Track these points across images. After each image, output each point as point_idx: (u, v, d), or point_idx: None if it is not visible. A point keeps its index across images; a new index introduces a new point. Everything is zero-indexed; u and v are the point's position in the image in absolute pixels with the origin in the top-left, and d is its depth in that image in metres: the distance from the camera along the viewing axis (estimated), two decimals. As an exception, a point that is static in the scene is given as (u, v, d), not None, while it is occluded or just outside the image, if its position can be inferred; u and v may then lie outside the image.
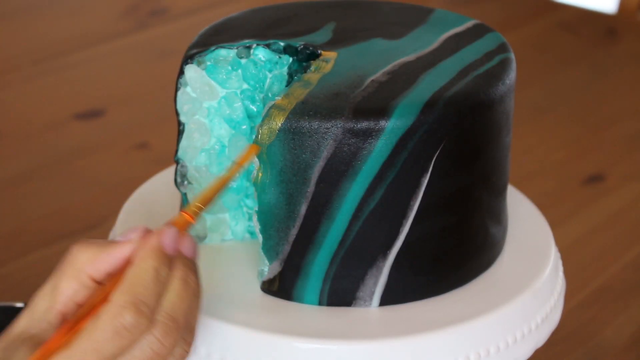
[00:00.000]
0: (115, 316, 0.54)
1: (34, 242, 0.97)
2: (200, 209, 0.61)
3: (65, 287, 0.57)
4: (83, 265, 0.57)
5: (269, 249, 0.66)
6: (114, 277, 0.57)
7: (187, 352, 0.58)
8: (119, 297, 0.55)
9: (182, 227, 0.59)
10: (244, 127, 0.71)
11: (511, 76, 0.69)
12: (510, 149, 0.72)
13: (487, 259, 0.71)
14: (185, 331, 0.57)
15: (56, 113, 1.21)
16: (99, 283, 0.57)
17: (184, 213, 0.60)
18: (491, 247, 0.71)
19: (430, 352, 0.64)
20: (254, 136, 0.65)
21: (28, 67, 1.32)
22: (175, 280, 0.57)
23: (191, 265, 0.58)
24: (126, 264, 0.57)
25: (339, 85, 0.65)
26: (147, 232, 0.58)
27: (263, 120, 0.64)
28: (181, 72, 0.70)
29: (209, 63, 0.70)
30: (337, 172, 0.64)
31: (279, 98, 0.65)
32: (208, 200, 0.61)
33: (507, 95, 0.68)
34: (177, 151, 0.71)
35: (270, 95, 0.70)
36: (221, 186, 0.62)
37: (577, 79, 1.33)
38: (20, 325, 0.57)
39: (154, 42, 1.40)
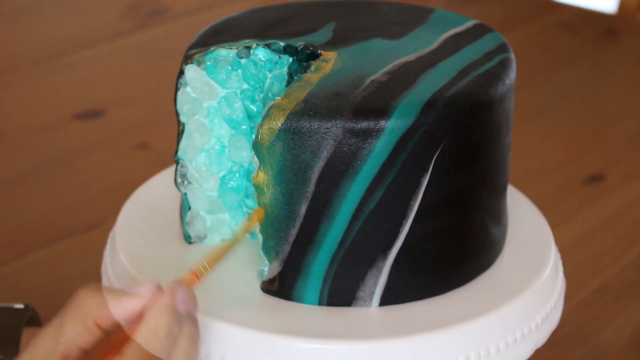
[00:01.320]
0: None
1: (34, 242, 0.97)
2: (207, 269, 0.61)
3: (69, 329, 0.57)
4: (91, 310, 0.57)
5: (269, 249, 0.66)
6: (123, 328, 0.57)
7: None
8: (134, 353, 0.55)
9: (190, 285, 0.60)
10: (244, 127, 0.71)
11: (511, 76, 0.69)
12: (510, 149, 0.72)
13: (487, 259, 0.71)
14: None
15: (56, 113, 1.21)
16: (103, 330, 0.58)
17: (192, 273, 0.61)
18: (491, 247, 0.71)
19: (430, 352, 0.64)
20: (254, 136, 0.65)
21: (28, 67, 1.32)
22: (185, 338, 0.58)
23: (196, 322, 0.59)
24: (135, 317, 0.57)
25: (339, 85, 0.65)
26: (159, 288, 0.59)
27: (263, 120, 0.64)
28: (181, 72, 0.70)
29: (209, 63, 0.70)
30: (337, 172, 0.64)
31: (279, 98, 0.65)
32: (214, 261, 0.62)
33: (507, 95, 0.68)
34: (177, 151, 0.71)
35: (270, 95, 0.70)
36: (227, 249, 0.63)
37: (577, 79, 1.33)
38: None
39: (154, 42, 1.40)
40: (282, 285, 0.67)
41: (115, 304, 0.57)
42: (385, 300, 0.67)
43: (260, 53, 0.70)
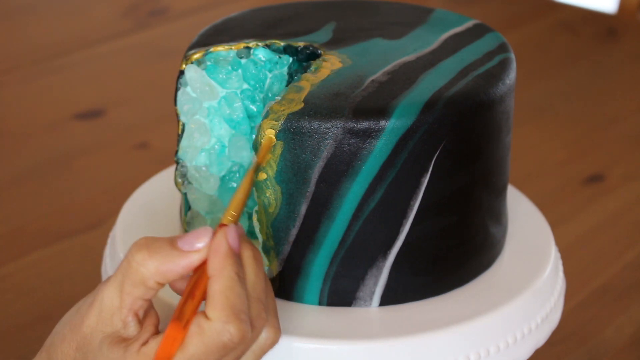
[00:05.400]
0: (220, 333, 0.56)
1: (34, 242, 0.97)
2: (234, 216, 0.61)
3: (131, 291, 0.58)
4: (150, 274, 0.58)
5: (269, 249, 0.66)
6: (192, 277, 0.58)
7: (277, 334, 0.60)
8: (220, 314, 0.56)
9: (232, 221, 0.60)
10: (244, 127, 0.71)
11: (511, 76, 0.69)
12: (510, 149, 0.72)
13: (487, 259, 0.71)
14: (267, 309, 0.59)
15: (56, 113, 1.21)
16: (164, 284, 0.59)
17: (229, 211, 0.60)
18: (491, 247, 0.71)
19: (430, 352, 0.64)
20: (254, 136, 0.65)
21: (28, 67, 1.32)
22: (248, 261, 0.59)
23: (251, 243, 0.60)
24: (199, 268, 0.58)
25: (339, 85, 0.65)
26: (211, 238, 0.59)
27: (263, 120, 0.64)
28: (181, 72, 0.70)
29: (209, 63, 0.70)
30: (337, 172, 0.64)
31: (279, 98, 0.65)
32: (241, 202, 0.61)
33: (507, 95, 0.68)
34: (177, 151, 0.71)
35: (270, 95, 0.70)
36: (249, 186, 0.62)
37: (577, 79, 1.33)
38: (91, 322, 0.58)
39: (154, 42, 1.40)
40: (282, 285, 0.67)
41: (173, 265, 0.58)
42: (385, 300, 0.67)
43: (260, 53, 0.70)
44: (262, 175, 0.65)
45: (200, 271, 0.58)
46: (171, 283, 0.60)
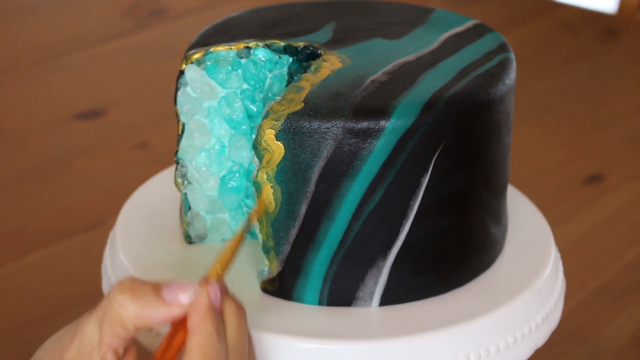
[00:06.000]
0: None
1: (34, 242, 0.97)
2: (223, 269, 0.61)
3: (110, 330, 0.58)
4: (129, 317, 0.58)
5: (269, 249, 0.66)
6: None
7: None
8: None
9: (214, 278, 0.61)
10: (244, 127, 0.71)
11: (511, 76, 0.69)
12: (510, 149, 0.72)
13: (487, 259, 0.71)
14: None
15: (56, 113, 1.21)
16: (142, 329, 0.59)
17: (215, 266, 0.61)
18: (491, 247, 0.71)
19: (430, 352, 0.64)
20: (254, 136, 0.65)
21: (28, 67, 1.32)
22: (230, 317, 0.59)
23: (234, 298, 0.60)
24: (180, 320, 0.58)
25: (339, 85, 0.65)
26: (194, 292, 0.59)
27: (263, 120, 0.64)
28: (181, 72, 0.70)
29: (209, 63, 0.70)
30: (337, 172, 0.64)
31: (279, 98, 0.65)
32: (228, 262, 0.62)
33: (507, 95, 0.68)
34: (177, 151, 0.71)
35: (270, 95, 0.70)
36: (238, 244, 0.62)
37: (577, 79, 1.33)
38: (71, 355, 0.58)
39: (154, 42, 1.40)
40: (282, 285, 0.67)
41: (153, 313, 0.58)
42: (385, 300, 0.67)
43: (260, 53, 0.70)
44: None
45: (178, 326, 0.58)
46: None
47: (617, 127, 1.22)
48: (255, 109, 0.70)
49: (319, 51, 0.70)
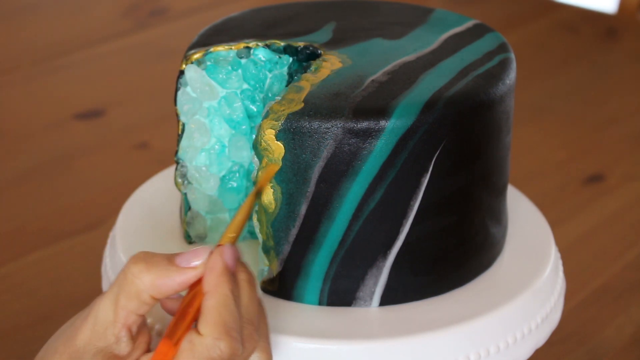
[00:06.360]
0: (211, 349, 0.56)
1: (34, 242, 0.97)
2: (233, 237, 0.61)
3: (126, 304, 0.58)
4: (145, 287, 0.58)
5: (269, 249, 0.66)
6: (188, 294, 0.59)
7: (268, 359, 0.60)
8: (211, 330, 0.56)
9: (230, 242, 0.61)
10: (244, 127, 0.71)
11: (511, 76, 0.69)
12: (510, 148, 0.72)
13: (487, 259, 0.71)
14: (259, 333, 0.59)
15: (56, 113, 1.21)
16: (159, 299, 0.59)
17: (227, 232, 0.61)
18: (491, 247, 0.71)
19: (430, 352, 0.64)
20: (254, 136, 0.65)
21: (28, 67, 1.32)
22: (243, 284, 0.59)
23: (246, 266, 0.60)
24: (194, 287, 0.58)
25: (339, 85, 0.65)
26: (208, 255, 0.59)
27: (263, 120, 0.64)
28: (181, 72, 0.70)
29: (209, 63, 0.70)
30: (337, 172, 0.64)
31: (279, 98, 0.65)
32: (240, 225, 0.62)
33: (507, 95, 0.68)
34: (177, 151, 0.71)
35: (270, 95, 0.70)
36: (249, 210, 0.62)
37: (577, 79, 1.33)
38: (84, 336, 0.58)
39: (154, 42, 1.40)
40: (282, 285, 0.67)
41: (169, 280, 0.58)
42: (385, 300, 0.67)
43: (260, 53, 0.70)
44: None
45: (194, 290, 0.58)
46: (163, 303, 0.60)
47: (617, 127, 1.22)
48: (255, 109, 0.70)
49: (319, 51, 0.70)
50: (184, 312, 0.58)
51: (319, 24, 0.74)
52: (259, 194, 0.64)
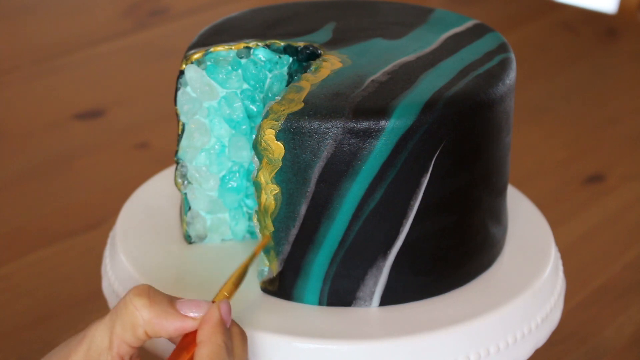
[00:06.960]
0: None
1: (34, 242, 0.97)
2: (226, 297, 0.62)
3: (121, 334, 0.58)
4: (143, 322, 0.58)
5: (269, 249, 0.66)
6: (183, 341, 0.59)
7: None
8: None
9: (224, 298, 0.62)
10: (244, 127, 0.71)
11: (511, 76, 0.69)
12: (510, 149, 0.72)
13: (487, 259, 0.71)
14: None
15: (56, 113, 1.21)
16: (152, 337, 0.59)
17: (222, 290, 0.62)
18: (491, 247, 0.71)
19: (430, 352, 0.64)
20: (254, 136, 0.65)
21: (28, 67, 1.32)
22: (236, 337, 0.60)
23: (237, 323, 0.61)
24: (187, 337, 0.59)
25: (339, 85, 0.65)
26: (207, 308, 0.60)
27: (263, 120, 0.64)
28: (181, 72, 0.70)
29: (209, 63, 0.70)
30: (337, 172, 0.64)
31: (279, 98, 0.65)
32: (234, 287, 0.62)
33: (507, 95, 0.68)
34: (177, 151, 0.71)
35: (270, 95, 0.70)
36: (243, 272, 0.63)
37: (577, 79, 1.33)
38: (78, 358, 0.58)
39: (154, 42, 1.40)
40: (282, 285, 0.67)
41: (167, 323, 0.58)
42: (385, 300, 0.67)
43: (260, 53, 0.70)
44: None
45: (187, 340, 0.59)
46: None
47: (617, 127, 1.22)
48: (255, 109, 0.70)
49: (319, 51, 0.70)
50: (177, 358, 0.58)
51: (319, 24, 0.74)
52: (253, 258, 0.65)
